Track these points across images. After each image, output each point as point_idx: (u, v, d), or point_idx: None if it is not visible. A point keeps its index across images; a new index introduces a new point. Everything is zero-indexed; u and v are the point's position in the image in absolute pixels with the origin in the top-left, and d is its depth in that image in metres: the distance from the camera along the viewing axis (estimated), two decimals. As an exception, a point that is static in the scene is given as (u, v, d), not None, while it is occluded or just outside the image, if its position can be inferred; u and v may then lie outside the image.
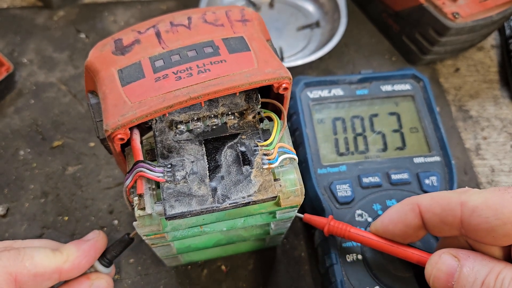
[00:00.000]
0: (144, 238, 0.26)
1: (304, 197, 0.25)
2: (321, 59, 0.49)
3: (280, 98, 0.26)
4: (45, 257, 0.27)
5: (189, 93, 0.22)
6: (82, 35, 0.51)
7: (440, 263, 0.25)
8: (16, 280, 0.25)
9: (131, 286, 0.37)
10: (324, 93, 0.41)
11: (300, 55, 0.51)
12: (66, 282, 0.29)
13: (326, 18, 0.53)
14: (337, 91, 0.41)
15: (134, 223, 0.24)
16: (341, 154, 0.38)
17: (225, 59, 0.24)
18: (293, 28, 0.53)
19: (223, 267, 0.38)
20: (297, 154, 0.39)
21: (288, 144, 0.26)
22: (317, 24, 0.53)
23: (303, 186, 0.25)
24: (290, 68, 0.48)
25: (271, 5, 0.55)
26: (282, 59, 0.50)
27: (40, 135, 0.45)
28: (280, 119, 0.26)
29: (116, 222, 0.40)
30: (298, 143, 0.39)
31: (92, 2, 0.54)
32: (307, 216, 0.33)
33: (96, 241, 0.30)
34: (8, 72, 0.45)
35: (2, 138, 0.44)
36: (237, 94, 0.25)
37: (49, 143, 0.44)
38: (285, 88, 0.24)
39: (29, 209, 0.40)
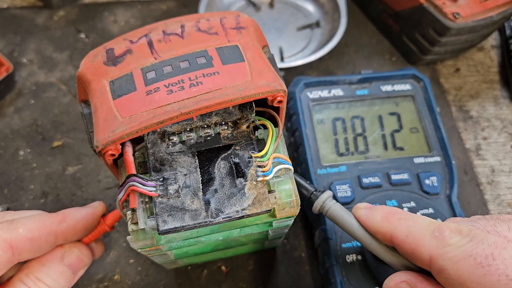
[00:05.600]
0: (139, 251, 0.25)
1: (300, 208, 0.25)
2: (321, 59, 0.49)
3: (276, 107, 0.25)
4: (38, 221, 0.27)
5: (180, 108, 0.21)
6: (82, 35, 0.51)
7: None
8: (12, 246, 0.26)
9: (131, 286, 0.37)
10: (324, 93, 0.41)
11: (300, 55, 0.51)
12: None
13: (326, 18, 0.53)
14: (337, 91, 0.41)
15: (128, 238, 0.24)
16: (341, 155, 0.38)
17: (218, 71, 0.23)
18: (293, 28, 0.53)
19: (223, 268, 0.38)
20: (297, 155, 0.39)
21: (283, 154, 0.25)
22: (317, 24, 0.53)
23: (298, 197, 0.24)
24: (290, 68, 0.48)
25: (271, 5, 0.55)
26: (282, 59, 0.50)
27: (40, 135, 0.45)
28: (275, 127, 0.25)
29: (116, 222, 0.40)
30: (298, 144, 0.39)
31: (92, 2, 0.54)
32: None
33: (94, 207, 0.30)
34: (8, 72, 0.45)
35: (2, 138, 0.44)
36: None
37: (49, 143, 0.44)
38: (280, 101, 0.23)
39: (29, 209, 0.40)
